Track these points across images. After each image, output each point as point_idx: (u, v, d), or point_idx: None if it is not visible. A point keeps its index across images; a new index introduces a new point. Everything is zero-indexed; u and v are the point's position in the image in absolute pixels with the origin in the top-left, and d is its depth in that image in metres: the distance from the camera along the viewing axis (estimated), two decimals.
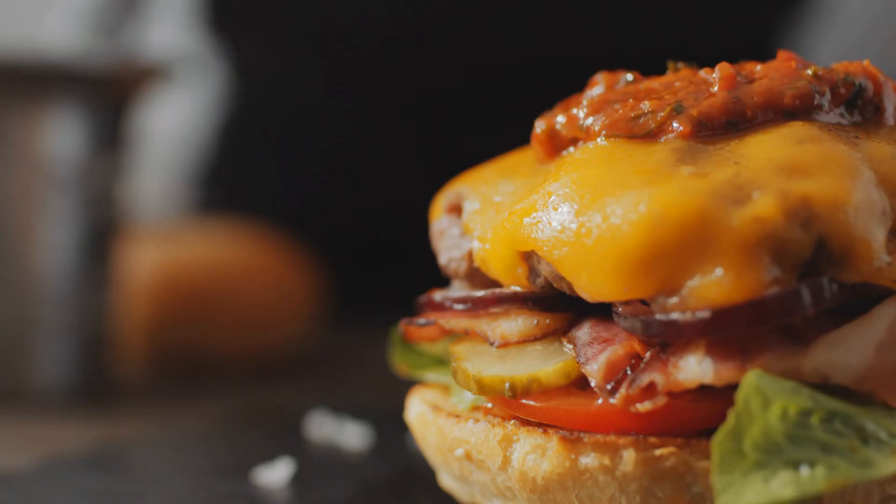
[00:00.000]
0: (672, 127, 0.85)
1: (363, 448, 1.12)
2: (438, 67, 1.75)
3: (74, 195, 1.29)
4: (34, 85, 1.28)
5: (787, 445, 0.76)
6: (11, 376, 1.29)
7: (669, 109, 0.85)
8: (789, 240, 0.79)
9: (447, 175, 0.99)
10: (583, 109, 0.89)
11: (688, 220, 0.79)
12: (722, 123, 0.85)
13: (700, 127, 0.85)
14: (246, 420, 1.23)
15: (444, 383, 0.95)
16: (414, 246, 1.36)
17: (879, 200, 0.81)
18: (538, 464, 0.83)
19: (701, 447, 0.80)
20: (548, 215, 0.83)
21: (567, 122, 0.89)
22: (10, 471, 1.03)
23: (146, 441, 1.15)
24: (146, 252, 1.50)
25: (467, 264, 0.91)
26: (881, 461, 0.76)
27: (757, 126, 0.85)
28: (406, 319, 0.95)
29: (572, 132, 0.88)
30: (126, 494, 0.98)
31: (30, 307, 1.29)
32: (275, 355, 1.54)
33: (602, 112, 0.87)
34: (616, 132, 0.86)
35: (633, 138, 0.86)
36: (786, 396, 0.77)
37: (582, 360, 0.84)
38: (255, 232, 1.63)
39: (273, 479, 1.00)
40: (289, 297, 1.56)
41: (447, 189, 0.95)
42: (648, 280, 0.80)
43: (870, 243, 0.80)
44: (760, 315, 0.78)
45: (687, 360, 0.79)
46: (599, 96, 0.89)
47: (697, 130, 0.85)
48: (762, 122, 0.85)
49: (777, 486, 0.74)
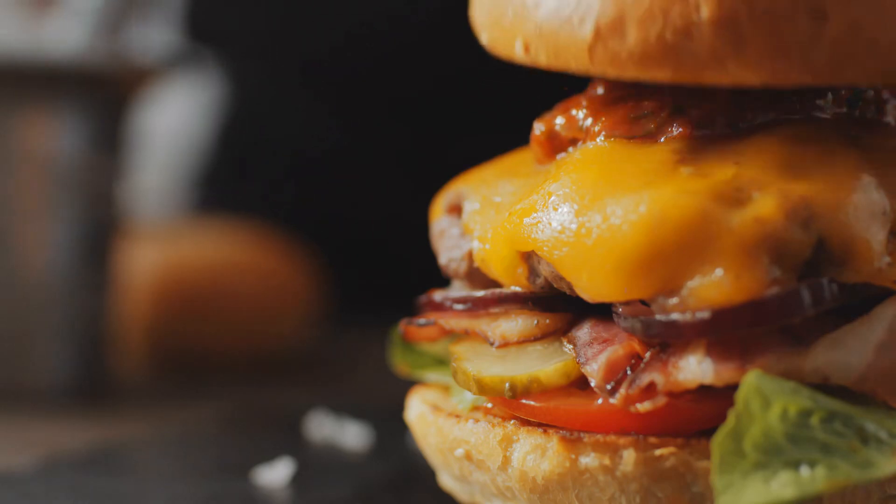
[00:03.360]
0: (672, 128, 0.85)
1: (363, 448, 1.12)
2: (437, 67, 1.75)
3: (74, 195, 1.29)
4: (34, 84, 1.27)
5: (788, 446, 0.76)
6: (11, 376, 1.28)
7: (669, 110, 0.85)
8: (789, 240, 0.79)
9: (446, 175, 0.99)
10: (582, 110, 0.88)
11: (688, 220, 0.79)
12: (722, 124, 0.85)
13: (700, 128, 0.85)
14: (246, 420, 1.23)
15: (445, 383, 0.95)
16: (413, 246, 1.36)
17: (880, 201, 0.81)
18: (538, 464, 0.83)
19: (701, 447, 0.80)
20: (548, 215, 0.83)
21: (566, 123, 0.89)
22: (10, 471, 1.03)
23: (146, 441, 1.15)
24: (146, 252, 1.50)
25: (467, 264, 0.91)
26: (881, 461, 0.76)
27: (757, 126, 0.85)
28: (406, 319, 0.95)
29: (572, 133, 0.88)
30: (126, 494, 0.98)
31: (29, 307, 1.29)
32: (275, 355, 1.54)
33: (601, 113, 0.87)
34: (616, 133, 0.86)
35: (632, 139, 0.86)
36: (786, 397, 0.77)
37: (582, 361, 0.84)
38: (256, 232, 1.63)
39: (273, 479, 1.00)
40: (289, 297, 1.56)
41: (447, 189, 0.95)
42: (648, 280, 0.80)
43: (870, 244, 0.80)
44: (760, 316, 0.78)
45: (687, 361, 0.80)
46: (599, 97, 0.89)
47: (697, 131, 0.85)
48: (763, 123, 0.85)
49: (777, 486, 0.74)
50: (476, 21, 0.91)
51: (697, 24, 0.80)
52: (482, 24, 0.90)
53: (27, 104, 1.27)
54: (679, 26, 0.80)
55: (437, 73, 1.76)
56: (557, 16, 0.83)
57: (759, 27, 0.79)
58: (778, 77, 0.80)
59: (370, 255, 1.81)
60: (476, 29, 0.91)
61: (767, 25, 0.79)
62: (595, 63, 0.82)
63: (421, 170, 1.46)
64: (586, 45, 0.82)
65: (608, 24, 0.82)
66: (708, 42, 0.80)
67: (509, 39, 0.86)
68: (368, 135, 1.81)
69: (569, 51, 0.83)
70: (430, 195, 0.98)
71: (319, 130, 1.83)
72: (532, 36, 0.85)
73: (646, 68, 0.81)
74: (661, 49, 0.80)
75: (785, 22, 0.79)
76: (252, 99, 1.89)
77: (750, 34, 0.79)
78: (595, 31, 0.82)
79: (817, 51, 0.79)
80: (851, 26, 0.79)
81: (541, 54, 0.85)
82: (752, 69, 0.80)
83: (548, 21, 0.84)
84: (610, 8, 0.82)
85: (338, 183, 1.83)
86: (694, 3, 0.80)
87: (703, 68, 0.80)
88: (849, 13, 0.79)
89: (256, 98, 1.89)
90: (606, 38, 0.82)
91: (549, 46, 0.84)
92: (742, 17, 0.80)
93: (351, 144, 1.82)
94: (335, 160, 1.83)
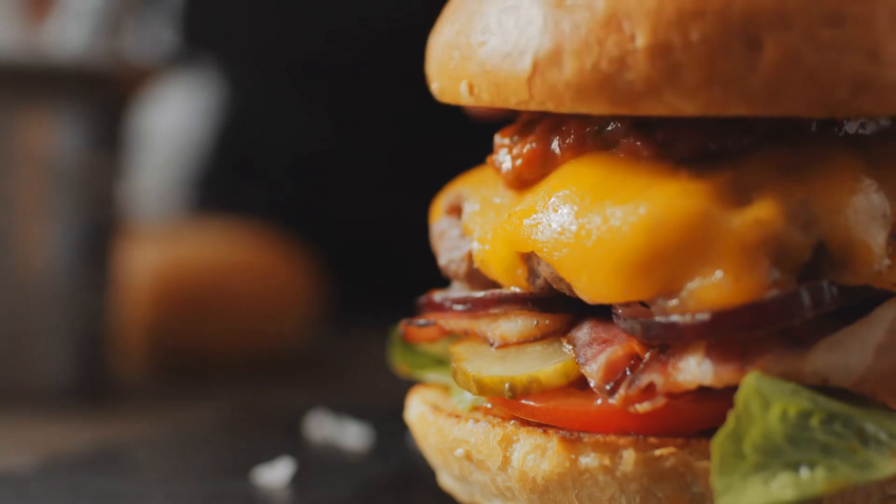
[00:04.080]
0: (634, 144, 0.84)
1: (363, 448, 1.12)
2: None
3: (74, 195, 1.29)
4: (34, 85, 1.27)
5: (787, 447, 0.76)
6: (11, 376, 1.29)
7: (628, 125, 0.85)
8: (789, 242, 0.79)
9: (446, 176, 0.99)
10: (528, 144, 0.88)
11: (688, 222, 0.79)
12: (686, 148, 0.84)
13: (663, 149, 0.84)
14: (246, 420, 1.23)
15: (445, 383, 0.95)
16: (413, 246, 1.36)
17: (880, 203, 0.81)
18: (538, 464, 0.83)
19: (701, 447, 0.80)
20: (547, 217, 0.83)
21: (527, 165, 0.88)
22: (10, 471, 1.03)
23: (146, 441, 1.15)
24: (146, 252, 1.50)
25: (467, 265, 0.91)
26: (881, 462, 0.76)
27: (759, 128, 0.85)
28: (406, 320, 0.95)
29: (538, 173, 0.88)
30: (126, 494, 0.98)
31: (29, 307, 1.29)
32: (275, 355, 1.54)
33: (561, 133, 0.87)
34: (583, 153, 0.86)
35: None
36: (785, 398, 0.77)
37: (581, 361, 0.84)
38: (255, 232, 1.64)
39: (273, 479, 1.00)
40: (289, 297, 1.56)
41: (447, 190, 0.95)
42: (648, 282, 0.80)
43: (870, 246, 0.80)
44: (760, 318, 0.78)
45: (686, 362, 0.80)
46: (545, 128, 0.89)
47: (661, 151, 0.84)
48: (764, 124, 0.85)
49: (777, 487, 0.74)
50: (428, 74, 0.92)
51: (632, 52, 0.79)
52: (432, 75, 0.91)
53: (27, 104, 1.27)
54: (614, 55, 0.80)
55: None
56: (499, 51, 0.84)
57: (693, 56, 0.79)
58: (714, 107, 0.79)
59: (370, 256, 1.81)
60: (429, 80, 0.92)
61: (702, 54, 0.78)
62: (534, 96, 0.82)
63: (421, 170, 1.46)
64: (525, 78, 0.82)
65: (546, 56, 0.81)
66: (643, 71, 0.79)
67: (455, 82, 0.87)
68: (367, 135, 1.81)
69: (509, 86, 0.83)
70: (430, 195, 0.98)
71: (318, 131, 1.83)
72: (476, 75, 0.85)
73: (582, 100, 0.80)
74: (596, 79, 0.80)
75: (720, 51, 0.78)
76: (250, 100, 1.89)
77: (685, 63, 0.78)
78: (533, 63, 0.82)
79: (753, 80, 0.78)
80: (787, 56, 0.78)
81: (483, 93, 0.85)
82: (687, 99, 0.79)
83: (490, 57, 0.84)
84: (548, 40, 0.82)
85: (337, 183, 1.83)
86: (629, 33, 0.80)
87: (639, 99, 0.79)
88: (785, 43, 0.78)
89: (254, 99, 1.89)
90: (544, 70, 0.81)
91: (491, 83, 0.84)
92: (677, 46, 0.79)
93: (349, 145, 1.82)
94: (334, 161, 1.83)
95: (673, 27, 0.79)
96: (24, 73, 1.27)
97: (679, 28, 0.79)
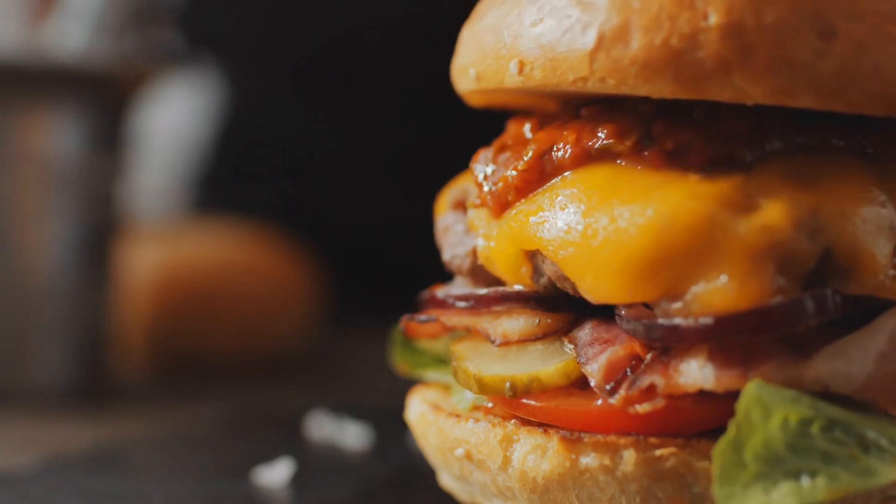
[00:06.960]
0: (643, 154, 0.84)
1: (363, 448, 1.12)
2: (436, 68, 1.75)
3: (74, 195, 1.29)
4: (34, 85, 1.28)
5: (788, 455, 0.75)
6: (11, 376, 1.29)
7: (637, 136, 0.84)
8: (795, 250, 0.79)
9: (446, 176, 0.99)
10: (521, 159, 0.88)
11: (695, 225, 0.79)
12: (698, 159, 0.84)
13: (673, 159, 0.84)
14: (246, 420, 1.23)
15: (445, 382, 0.95)
16: (413, 247, 1.36)
17: (888, 215, 0.81)
18: (538, 464, 0.83)
19: (701, 448, 0.80)
20: (554, 215, 0.83)
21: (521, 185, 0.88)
22: (10, 471, 1.03)
23: (146, 441, 1.15)
24: (146, 252, 1.50)
25: (471, 261, 0.91)
26: (882, 469, 0.75)
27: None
28: (407, 315, 0.95)
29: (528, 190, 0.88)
30: (126, 494, 0.98)
31: (30, 307, 1.29)
32: (274, 355, 1.54)
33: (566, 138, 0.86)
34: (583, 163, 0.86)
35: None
36: (786, 405, 0.76)
37: (582, 361, 0.84)
38: (255, 232, 1.64)
39: (273, 479, 1.00)
40: (289, 297, 1.56)
41: (453, 185, 0.95)
42: (653, 284, 0.79)
43: (876, 257, 0.80)
44: (763, 324, 0.78)
45: (688, 365, 0.79)
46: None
47: (669, 162, 0.84)
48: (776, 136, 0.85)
49: (778, 496, 0.74)
50: (461, 64, 0.91)
51: (705, 29, 0.79)
52: (471, 62, 0.89)
53: (27, 104, 1.27)
54: (686, 32, 0.79)
55: (436, 75, 1.76)
56: (559, 27, 0.83)
57: (766, 38, 0.79)
58: (780, 94, 0.78)
59: (370, 256, 1.81)
60: (456, 76, 0.91)
61: (775, 36, 0.78)
62: (595, 72, 0.81)
63: (421, 171, 1.46)
64: (588, 53, 0.82)
65: (613, 31, 0.81)
66: (714, 49, 0.79)
67: (503, 63, 0.86)
68: (366, 136, 1.81)
69: (567, 62, 0.82)
70: (430, 196, 0.98)
71: (318, 132, 1.83)
72: (529, 52, 0.84)
73: (647, 77, 0.80)
74: (665, 56, 0.80)
75: (792, 35, 0.78)
76: (251, 101, 1.89)
77: (757, 44, 0.78)
78: (598, 37, 0.81)
79: (822, 68, 0.78)
80: (857, 47, 0.78)
81: (536, 70, 0.84)
82: (755, 82, 0.78)
83: (547, 33, 0.83)
84: (615, 15, 0.81)
85: (337, 184, 1.83)
86: (702, 10, 0.80)
87: (707, 79, 0.79)
88: (856, 34, 0.78)
89: (255, 100, 1.90)
90: (609, 45, 0.81)
91: (547, 59, 0.83)
92: (750, 26, 0.79)
93: (349, 145, 1.82)
94: (334, 161, 1.83)
95: (747, 7, 0.79)
96: (25, 73, 1.27)
97: (753, 8, 0.79)
